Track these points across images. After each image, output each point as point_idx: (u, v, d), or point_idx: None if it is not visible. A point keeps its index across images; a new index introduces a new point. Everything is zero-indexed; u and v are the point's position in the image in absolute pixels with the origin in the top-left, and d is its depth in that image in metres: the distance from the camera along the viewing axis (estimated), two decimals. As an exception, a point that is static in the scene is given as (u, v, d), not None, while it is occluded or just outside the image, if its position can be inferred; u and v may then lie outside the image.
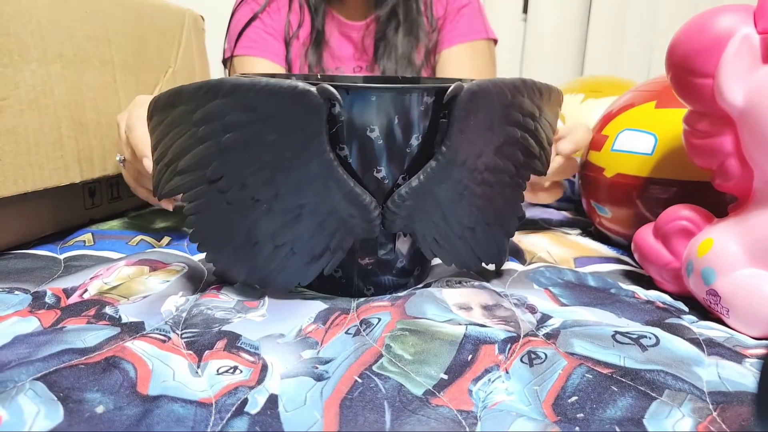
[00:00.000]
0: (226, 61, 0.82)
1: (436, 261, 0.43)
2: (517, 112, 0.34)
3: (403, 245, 0.36)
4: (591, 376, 0.26)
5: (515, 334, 0.30)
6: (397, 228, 0.34)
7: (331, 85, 0.29)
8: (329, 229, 0.33)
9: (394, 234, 0.35)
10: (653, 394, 0.25)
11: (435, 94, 0.32)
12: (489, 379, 0.26)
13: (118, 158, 0.47)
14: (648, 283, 0.40)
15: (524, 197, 0.39)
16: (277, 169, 0.31)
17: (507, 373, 0.27)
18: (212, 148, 0.31)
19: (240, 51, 0.78)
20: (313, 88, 0.29)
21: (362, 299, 0.36)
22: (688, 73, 0.32)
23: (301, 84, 0.29)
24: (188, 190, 0.33)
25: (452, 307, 0.33)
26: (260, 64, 0.77)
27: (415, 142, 0.33)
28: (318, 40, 0.78)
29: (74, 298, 0.34)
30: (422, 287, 0.36)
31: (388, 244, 0.36)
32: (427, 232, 0.35)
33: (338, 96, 0.29)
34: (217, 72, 0.90)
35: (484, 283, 0.38)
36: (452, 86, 0.31)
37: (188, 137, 0.32)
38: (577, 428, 0.22)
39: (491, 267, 0.41)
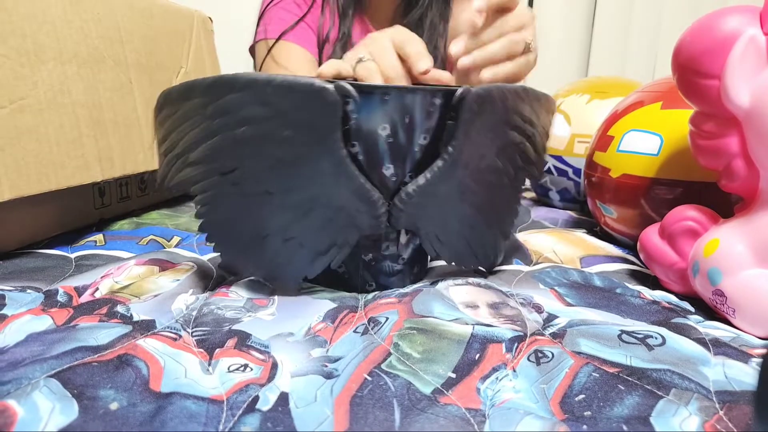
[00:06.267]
0: (253, 47, 0.82)
1: (437, 262, 0.43)
2: (518, 117, 0.36)
3: (405, 242, 0.37)
4: (598, 375, 0.26)
5: (522, 333, 0.30)
6: (402, 224, 0.34)
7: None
8: (337, 223, 0.34)
9: (398, 231, 0.36)
10: (660, 393, 0.25)
11: (443, 96, 0.33)
12: (497, 378, 0.26)
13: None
14: (654, 283, 0.40)
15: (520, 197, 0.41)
16: (290, 163, 0.32)
17: (514, 371, 0.27)
18: (226, 141, 0.32)
19: (285, 37, 0.79)
20: (330, 86, 0.29)
21: (369, 297, 0.36)
22: (694, 74, 0.32)
23: (317, 81, 0.29)
24: (199, 181, 0.34)
25: (459, 305, 0.34)
26: (298, 51, 0.78)
27: (423, 141, 0.33)
28: (344, 42, 0.79)
29: (86, 297, 0.34)
30: (429, 285, 0.37)
31: (392, 240, 0.36)
32: (430, 229, 0.36)
33: (355, 93, 0.30)
34: (227, 72, 0.90)
35: (490, 282, 0.38)
36: (461, 89, 0.32)
37: (201, 130, 0.32)
38: (584, 426, 0.23)
39: (483, 268, 0.41)
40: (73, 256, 0.43)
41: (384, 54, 0.46)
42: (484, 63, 0.44)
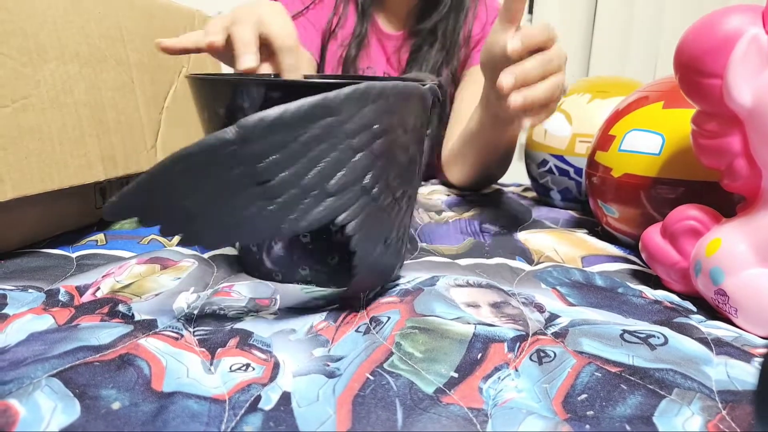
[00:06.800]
0: None
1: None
2: None
3: None
4: (600, 375, 0.26)
5: (524, 333, 0.30)
6: None
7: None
8: (411, 211, 0.37)
9: None
10: (662, 393, 0.25)
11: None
12: (499, 377, 0.26)
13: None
14: (655, 282, 0.40)
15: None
16: (407, 167, 0.34)
17: (516, 371, 0.27)
18: (367, 158, 0.29)
19: None
20: (426, 88, 0.32)
21: (371, 296, 0.36)
22: (697, 74, 0.32)
23: (419, 86, 0.32)
24: (347, 208, 0.29)
25: (460, 304, 0.34)
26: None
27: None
28: (360, 40, 0.80)
29: (87, 296, 0.34)
30: (429, 285, 0.37)
31: None
32: None
33: (439, 93, 0.35)
34: (227, 71, 0.90)
35: (492, 282, 0.38)
36: (440, 79, 0.40)
37: (342, 151, 0.28)
38: (587, 426, 0.23)
39: None
40: (74, 255, 0.43)
41: (272, 19, 0.44)
42: (532, 105, 0.45)
